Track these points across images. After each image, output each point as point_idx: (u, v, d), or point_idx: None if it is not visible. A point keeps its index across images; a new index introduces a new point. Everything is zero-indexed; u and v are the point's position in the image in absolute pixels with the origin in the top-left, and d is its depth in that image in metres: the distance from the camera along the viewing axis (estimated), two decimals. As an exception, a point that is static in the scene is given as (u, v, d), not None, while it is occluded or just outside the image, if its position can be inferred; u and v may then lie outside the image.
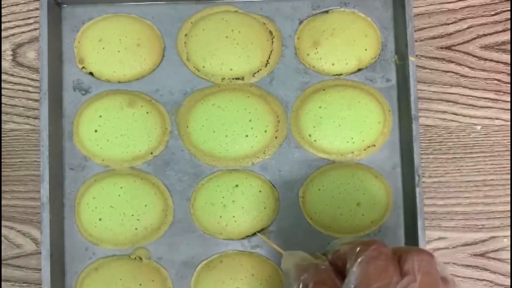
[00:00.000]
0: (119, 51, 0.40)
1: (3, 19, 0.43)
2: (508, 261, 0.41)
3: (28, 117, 0.42)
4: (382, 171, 0.40)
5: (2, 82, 0.42)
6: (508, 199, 0.41)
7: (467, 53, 0.42)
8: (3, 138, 0.42)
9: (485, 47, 0.42)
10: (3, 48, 0.43)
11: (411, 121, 0.38)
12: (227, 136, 0.39)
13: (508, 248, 0.41)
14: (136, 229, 0.39)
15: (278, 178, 0.40)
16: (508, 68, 0.42)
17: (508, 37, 0.42)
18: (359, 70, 0.41)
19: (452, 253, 0.41)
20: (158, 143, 0.40)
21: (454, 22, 0.42)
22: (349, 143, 0.40)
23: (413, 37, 0.38)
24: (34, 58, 0.43)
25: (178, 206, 0.40)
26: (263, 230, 0.39)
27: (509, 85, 0.42)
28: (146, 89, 0.41)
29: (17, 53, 0.43)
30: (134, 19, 0.41)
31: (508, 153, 0.42)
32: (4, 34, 0.43)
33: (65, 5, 0.41)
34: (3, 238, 0.42)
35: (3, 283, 0.41)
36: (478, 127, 0.42)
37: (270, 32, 0.41)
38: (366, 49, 0.41)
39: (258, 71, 0.41)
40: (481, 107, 0.42)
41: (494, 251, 0.41)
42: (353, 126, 0.40)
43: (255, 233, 0.39)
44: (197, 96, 0.40)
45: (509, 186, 0.41)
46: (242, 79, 0.41)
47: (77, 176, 0.40)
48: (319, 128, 0.40)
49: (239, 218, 0.39)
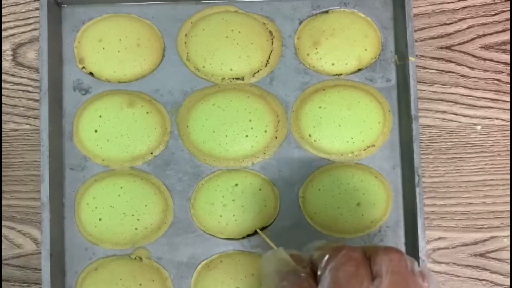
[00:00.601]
0: (119, 51, 0.40)
1: (3, 19, 0.43)
2: (508, 261, 0.41)
3: (28, 117, 0.42)
4: (382, 171, 0.40)
5: (2, 82, 0.42)
6: (508, 199, 0.41)
7: (467, 53, 0.42)
8: (3, 138, 0.42)
9: (485, 47, 0.42)
10: (3, 48, 0.43)
11: (411, 121, 0.38)
12: (227, 136, 0.39)
13: (508, 248, 0.41)
14: (136, 229, 0.39)
15: (278, 178, 0.40)
16: (508, 68, 0.42)
17: (508, 37, 0.42)
18: (359, 70, 0.41)
19: (452, 253, 0.41)
20: (158, 143, 0.40)
21: (454, 22, 0.42)
22: (349, 143, 0.40)
23: (413, 37, 0.39)
24: (34, 58, 0.43)
25: (178, 206, 0.40)
26: (263, 229, 0.39)
27: (509, 85, 0.42)
28: (146, 89, 0.41)
29: (17, 53, 0.43)
30: (134, 19, 0.41)
31: (508, 153, 0.42)
32: (4, 34, 0.43)
33: (65, 5, 0.41)
34: (3, 238, 0.42)
35: (3, 283, 0.41)
36: (478, 127, 0.42)
37: (270, 32, 0.41)
38: (366, 49, 0.41)
39: (258, 71, 0.41)
40: (481, 107, 0.42)
41: (494, 251, 0.41)
42: (353, 126, 0.40)
43: (256, 231, 0.39)
44: (197, 96, 0.40)
45: (509, 186, 0.41)
46: (242, 79, 0.41)
47: (77, 176, 0.40)
48: (319, 128, 0.40)
49: (239, 217, 0.39)
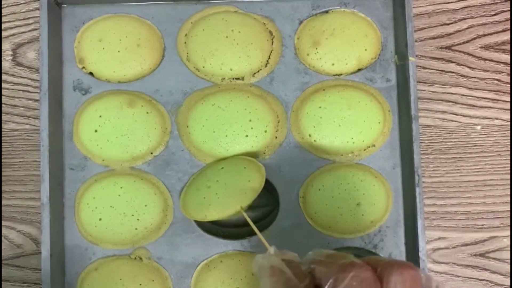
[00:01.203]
0: (119, 51, 0.40)
1: (3, 19, 0.43)
2: (508, 261, 0.41)
3: (28, 117, 0.42)
4: (382, 171, 0.40)
5: (2, 82, 0.43)
6: (508, 199, 0.41)
7: (467, 53, 0.42)
8: (3, 138, 0.42)
9: (485, 47, 0.42)
10: (3, 48, 0.43)
11: (411, 121, 0.38)
12: (227, 136, 0.39)
13: (508, 248, 0.41)
14: (136, 229, 0.39)
15: (278, 178, 0.40)
16: (508, 68, 0.42)
17: (508, 37, 0.42)
18: (359, 70, 0.41)
19: (452, 253, 0.41)
20: (158, 143, 0.40)
21: (454, 22, 0.42)
22: (349, 143, 0.40)
23: (413, 37, 0.39)
24: (34, 58, 0.43)
25: (178, 206, 0.40)
26: (262, 231, 0.39)
27: (509, 85, 0.42)
28: (146, 89, 0.41)
29: (17, 53, 0.43)
30: (134, 19, 0.41)
31: (508, 153, 0.42)
32: (4, 34, 0.43)
33: (65, 5, 0.41)
34: (3, 238, 0.42)
35: (3, 283, 0.41)
36: (478, 127, 0.42)
37: (270, 32, 0.41)
38: (366, 49, 0.41)
39: (258, 71, 0.41)
40: (481, 107, 0.42)
41: (494, 251, 0.41)
42: (353, 126, 0.40)
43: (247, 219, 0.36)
44: (197, 96, 0.40)
45: (509, 186, 0.41)
46: (242, 79, 0.41)
47: (77, 176, 0.40)
48: (319, 128, 0.40)
49: (222, 195, 0.37)
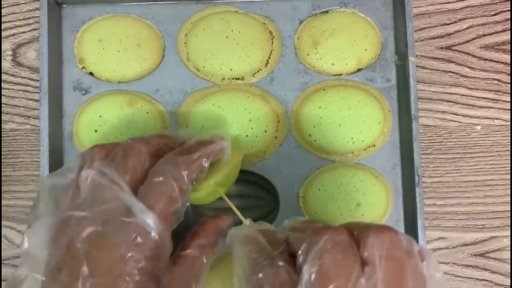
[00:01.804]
0: (119, 51, 0.40)
1: (3, 19, 0.43)
2: (508, 261, 0.41)
3: (28, 117, 0.42)
4: (382, 171, 0.40)
5: (2, 82, 0.42)
6: (508, 199, 0.41)
7: (467, 53, 0.42)
8: (3, 138, 0.42)
9: (485, 47, 0.42)
10: (3, 48, 0.43)
11: (411, 121, 0.38)
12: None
13: (508, 248, 0.41)
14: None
15: (278, 178, 0.40)
16: (508, 68, 0.42)
17: (508, 37, 0.42)
18: (359, 70, 0.41)
19: (452, 253, 0.41)
20: (158, 143, 0.40)
21: (454, 22, 0.42)
22: (349, 143, 0.40)
23: (413, 37, 0.39)
24: (34, 58, 0.43)
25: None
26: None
27: (509, 85, 0.42)
28: (146, 89, 0.41)
29: (17, 53, 0.43)
30: (134, 19, 0.41)
31: (508, 153, 0.42)
32: (4, 34, 0.43)
33: (65, 5, 0.41)
34: (3, 238, 0.42)
35: (3, 283, 0.41)
36: (478, 127, 0.42)
37: (270, 32, 0.41)
38: (366, 49, 0.41)
39: (258, 71, 0.41)
40: (481, 107, 0.42)
41: (494, 251, 0.41)
42: (353, 126, 0.40)
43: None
44: (197, 96, 0.40)
45: (509, 186, 0.41)
46: (242, 79, 0.41)
47: (77, 176, 0.40)
48: (319, 128, 0.40)
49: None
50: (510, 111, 0.42)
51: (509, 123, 0.42)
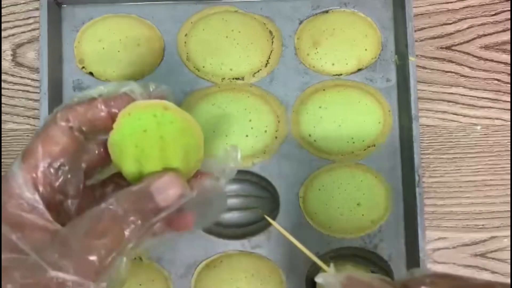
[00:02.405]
0: (119, 51, 0.40)
1: (3, 19, 0.43)
2: (508, 261, 0.41)
3: (28, 117, 0.42)
4: (382, 171, 0.40)
5: (2, 82, 0.42)
6: (508, 199, 0.41)
7: (467, 53, 0.42)
8: (3, 138, 0.42)
9: (485, 47, 0.42)
10: (3, 48, 0.43)
11: (411, 121, 0.38)
12: (227, 136, 0.39)
13: (508, 248, 0.41)
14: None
15: (278, 178, 0.40)
16: (508, 68, 0.42)
17: (508, 37, 0.42)
18: (359, 70, 0.41)
19: (452, 253, 0.41)
20: (158, 143, 0.40)
21: (454, 22, 0.42)
22: (349, 143, 0.40)
23: (413, 37, 0.39)
24: (34, 58, 0.43)
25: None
26: (262, 231, 0.39)
27: (509, 85, 0.42)
28: (146, 89, 0.41)
29: (17, 53, 0.43)
30: (134, 19, 0.41)
31: (508, 153, 0.42)
32: (4, 34, 0.43)
33: (65, 5, 0.41)
34: (3, 238, 0.42)
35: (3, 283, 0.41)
36: (478, 127, 0.42)
37: (270, 32, 0.41)
38: (366, 49, 0.41)
39: (258, 71, 0.41)
40: (481, 107, 0.42)
41: (494, 251, 0.41)
42: (353, 126, 0.40)
43: (264, 217, 0.35)
44: (197, 96, 0.40)
45: (509, 186, 0.41)
46: (242, 79, 0.41)
47: (77, 176, 0.40)
48: (319, 128, 0.40)
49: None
50: (510, 111, 0.42)
51: (509, 123, 0.42)
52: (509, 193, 0.41)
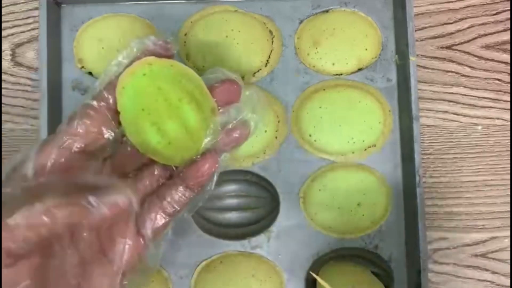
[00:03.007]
0: (118, 51, 0.40)
1: (2, 18, 0.43)
2: (509, 261, 0.41)
3: (28, 117, 0.42)
4: (383, 171, 0.40)
5: (2, 82, 0.42)
6: (509, 199, 0.41)
7: (468, 53, 0.42)
8: (3, 138, 0.42)
9: (486, 47, 0.42)
10: (2, 48, 0.43)
11: (411, 121, 0.38)
12: (227, 136, 0.39)
13: (509, 249, 0.41)
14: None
15: (278, 178, 0.40)
16: (509, 68, 0.42)
17: (508, 36, 0.42)
18: (359, 70, 0.41)
19: (453, 254, 0.41)
20: (158, 143, 0.40)
21: (455, 21, 0.42)
22: (350, 143, 0.40)
23: (414, 36, 0.38)
24: (33, 58, 0.43)
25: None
26: (263, 232, 0.39)
27: (509, 85, 0.42)
28: (146, 89, 0.41)
29: (16, 53, 0.43)
30: (134, 18, 0.41)
31: (509, 153, 0.41)
32: (3, 34, 0.43)
33: (64, 5, 0.41)
34: (2, 239, 0.41)
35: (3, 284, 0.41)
36: (479, 127, 0.42)
37: (270, 32, 0.41)
38: (366, 49, 0.41)
39: (258, 71, 0.41)
40: (482, 107, 0.42)
41: (495, 251, 0.41)
42: (353, 126, 0.40)
43: (315, 278, 0.34)
44: (197, 96, 0.40)
45: (509, 186, 0.41)
46: (242, 78, 0.41)
47: (76, 176, 0.40)
48: (319, 128, 0.40)
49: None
50: (510, 111, 0.42)
51: (509, 123, 0.42)
52: (510, 193, 0.41)
